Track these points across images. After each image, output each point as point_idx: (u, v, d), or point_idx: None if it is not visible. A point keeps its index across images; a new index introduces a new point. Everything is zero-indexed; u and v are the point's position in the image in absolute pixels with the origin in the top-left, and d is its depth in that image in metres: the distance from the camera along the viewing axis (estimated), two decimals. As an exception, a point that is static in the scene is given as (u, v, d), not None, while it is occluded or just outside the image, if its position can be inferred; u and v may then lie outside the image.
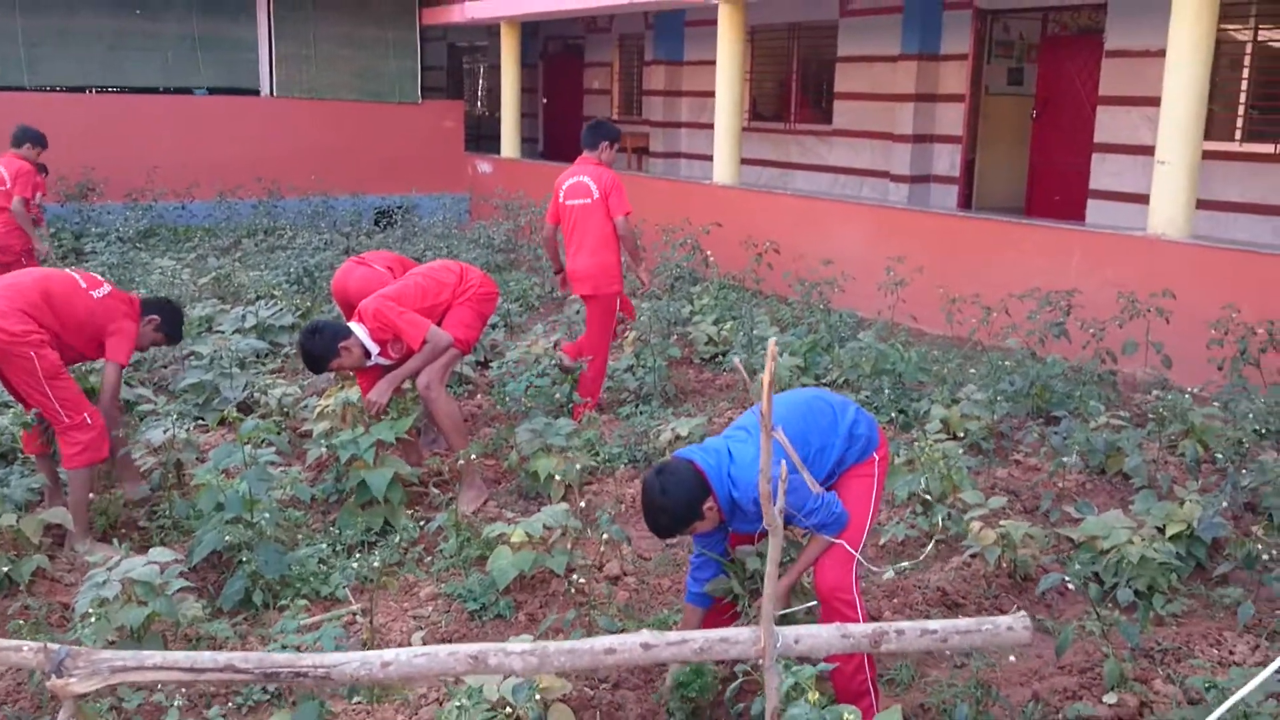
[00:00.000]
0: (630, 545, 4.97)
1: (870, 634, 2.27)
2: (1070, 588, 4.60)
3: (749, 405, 4.63)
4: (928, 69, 13.05)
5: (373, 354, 5.47)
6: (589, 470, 5.82)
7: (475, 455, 5.48)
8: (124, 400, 5.90)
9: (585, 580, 4.61)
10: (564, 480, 5.56)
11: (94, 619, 3.68)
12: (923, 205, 12.41)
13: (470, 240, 13.01)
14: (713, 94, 12.19)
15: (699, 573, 3.74)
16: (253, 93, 15.62)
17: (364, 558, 4.74)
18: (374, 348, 5.46)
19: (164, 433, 5.46)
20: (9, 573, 4.48)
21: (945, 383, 7.00)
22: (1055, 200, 12.24)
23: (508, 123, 16.39)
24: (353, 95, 16.09)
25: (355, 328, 5.44)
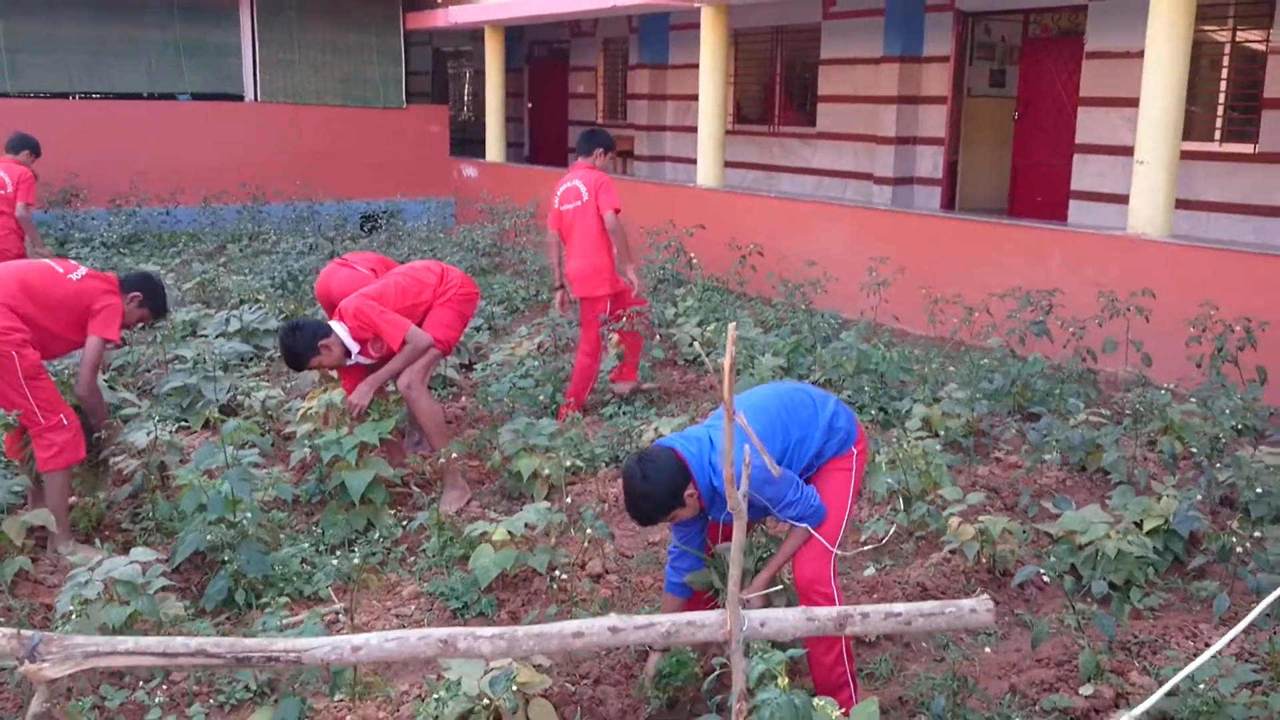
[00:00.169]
0: (613, 543, 5.00)
1: (836, 616, 2.30)
2: (1046, 580, 4.64)
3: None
4: (910, 71, 13.13)
5: (353, 353, 5.49)
6: (572, 470, 5.84)
7: (456, 454, 5.50)
8: (109, 404, 5.88)
9: (567, 578, 4.63)
10: (547, 480, 5.59)
11: (75, 617, 3.69)
12: (906, 207, 12.47)
13: (455, 244, 13.02)
14: (697, 97, 12.24)
15: (678, 563, 3.77)
16: (237, 98, 15.61)
17: (345, 555, 4.76)
18: (354, 346, 5.47)
19: (147, 435, 5.46)
20: (-9, 575, 4.48)
21: (926, 382, 7.05)
22: (1038, 201, 12.32)
23: (492, 127, 16.42)
24: (337, 100, 16.09)
25: (336, 326, 5.46)
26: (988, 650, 4.21)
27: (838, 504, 3.62)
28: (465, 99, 23.87)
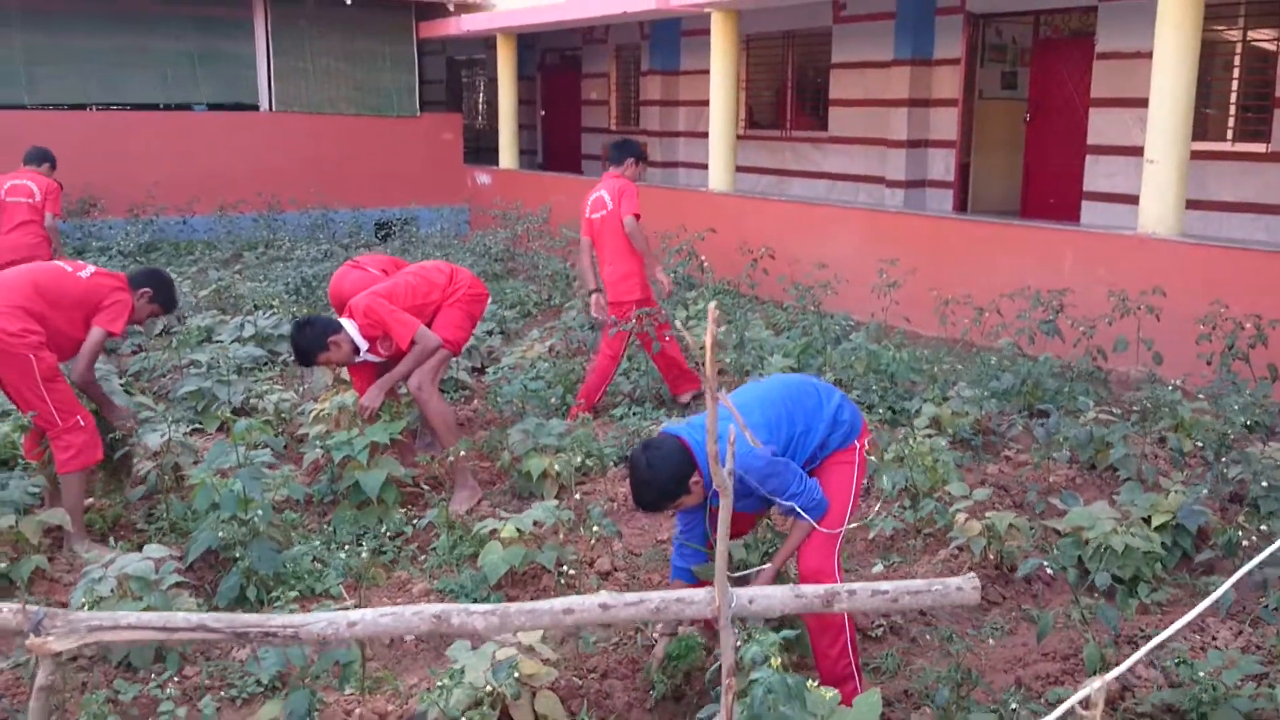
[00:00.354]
0: (620, 541, 5.03)
1: (823, 594, 2.32)
2: (1053, 575, 4.66)
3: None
4: (921, 74, 13.14)
5: (361, 350, 5.54)
6: (581, 469, 5.88)
7: (464, 451, 5.54)
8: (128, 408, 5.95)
9: (575, 574, 4.67)
10: (557, 479, 5.63)
11: (89, 611, 3.74)
12: (917, 209, 12.48)
13: (469, 250, 13.09)
14: (708, 103, 12.29)
15: (684, 551, 3.80)
16: (252, 108, 15.74)
17: (354, 549, 4.81)
18: (363, 344, 5.52)
19: (161, 437, 5.53)
20: (8, 572, 4.55)
21: (936, 381, 7.06)
22: (1050, 203, 12.31)
23: (505, 134, 16.51)
24: (351, 109, 16.21)
25: (346, 324, 5.51)
26: (991, 642, 4.22)
27: (841, 497, 3.65)
28: (479, 107, 23.98)
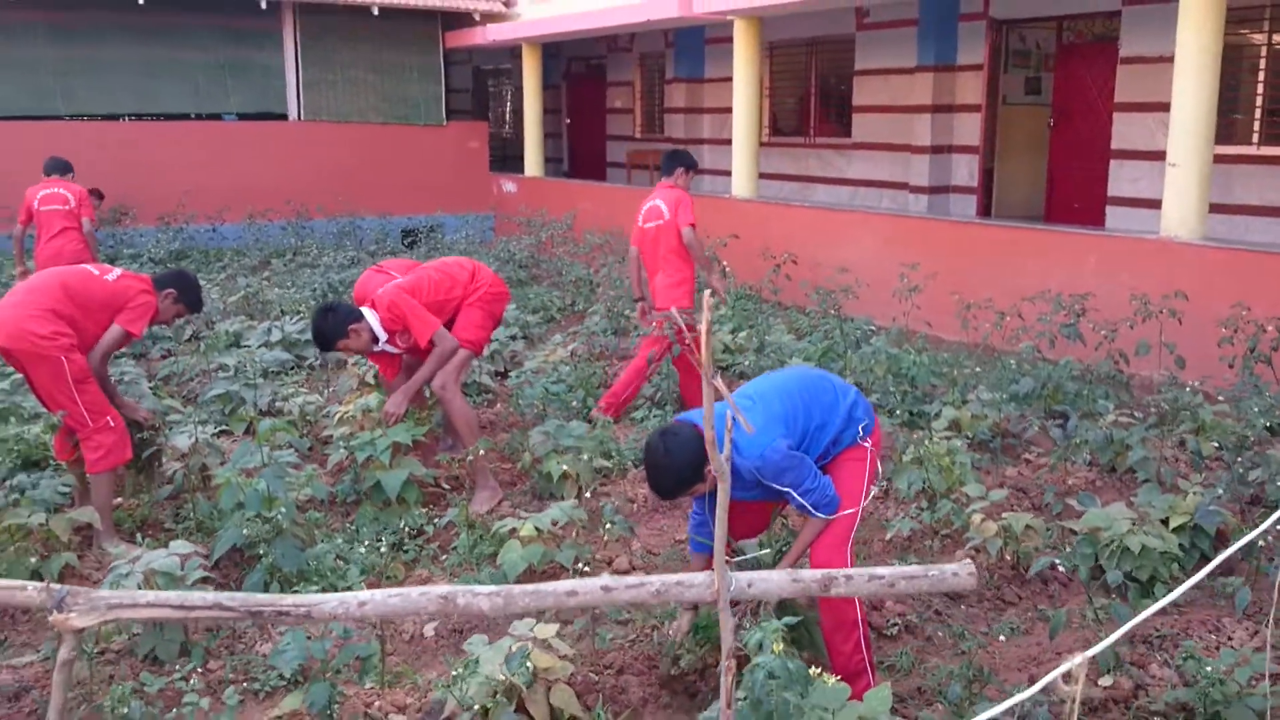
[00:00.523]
0: (637, 540, 5.08)
1: (820, 579, 2.37)
2: (1068, 575, 4.67)
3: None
4: (944, 80, 13.14)
5: (380, 340, 5.62)
6: (601, 471, 5.94)
7: (483, 451, 5.60)
8: (154, 410, 6.06)
9: (593, 572, 4.72)
10: (576, 480, 5.69)
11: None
12: (941, 215, 12.47)
13: (493, 256, 13.19)
14: (732, 110, 12.34)
15: (700, 530, 3.84)
16: (280, 117, 15.94)
17: (373, 545, 4.88)
18: (382, 335, 5.60)
19: (189, 438, 5.64)
20: (39, 569, 4.64)
21: (956, 385, 7.07)
22: (1074, 208, 12.27)
23: (530, 142, 16.63)
24: (379, 118, 16.38)
25: (367, 313, 5.60)
26: (1003, 639, 4.24)
27: (853, 493, 3.69)
28: (505, 116, 24.15)
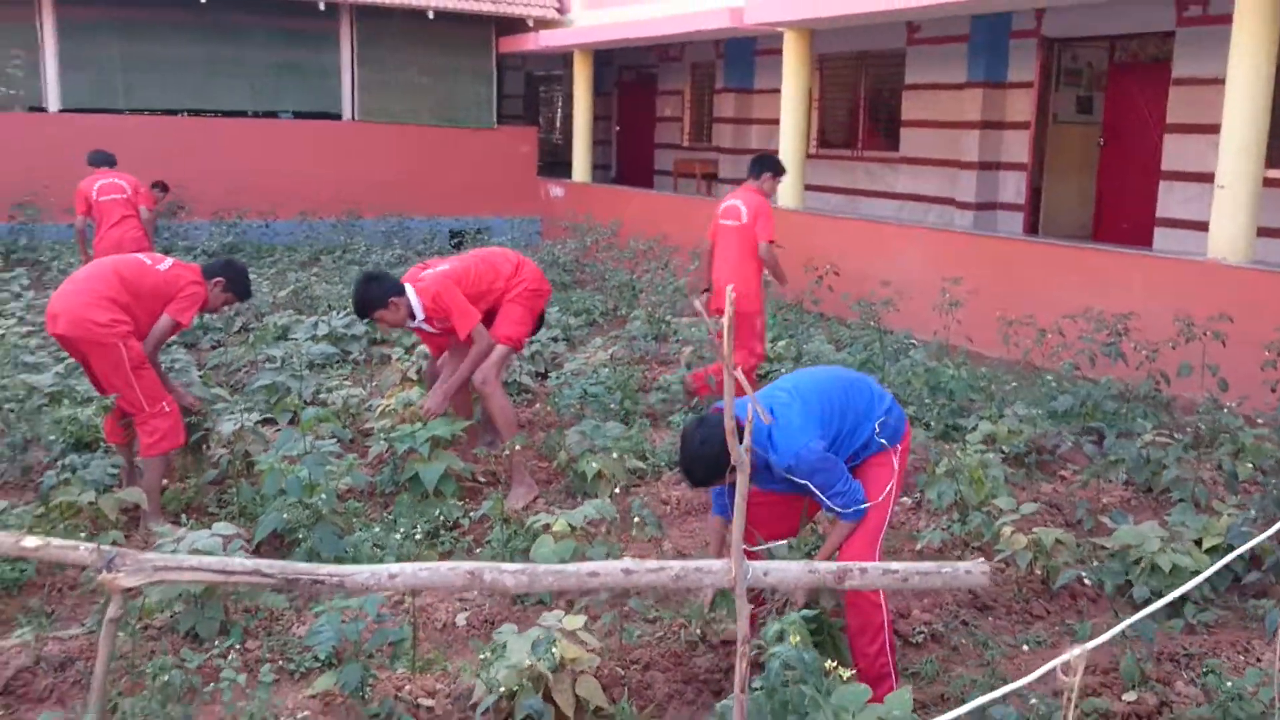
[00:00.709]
0: (669, 541, 5.14)
1: (835, 571, 2.42)
2: (1097, 591, 4.67)
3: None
4: (994, 97, 13.11)
5: (418, 318, 5.74)
6: (635, 472, 6.01)
7: (519, 446, 5.69)
8: (200, 398, 6.21)
9: (624, 570, 4.79)
10: (611, 480, 5.76)
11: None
12: (987, 231, 12.43)
13: (538, 259, 13.30)
14: (780, 121, 12.38)
15: (721, 498, 3.92)
16: (335, 117, 16.19)
17: (410, 532, 4.99)
18: (420, 313, 5.72)
19: (234, 425, 5.79)
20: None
21: (993, 399, 7.07)
22: (1123, 228, 12.19)
23: (579, 148, 16.77)
24: (431, 120, 16.59)
25: (409, 289, 5.71)
26: (1026, 648, 4.26)
27: (880, 500, 3.73)
28: (556, 122, 24.33)
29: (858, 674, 3.77)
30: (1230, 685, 3.49)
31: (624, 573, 2.37)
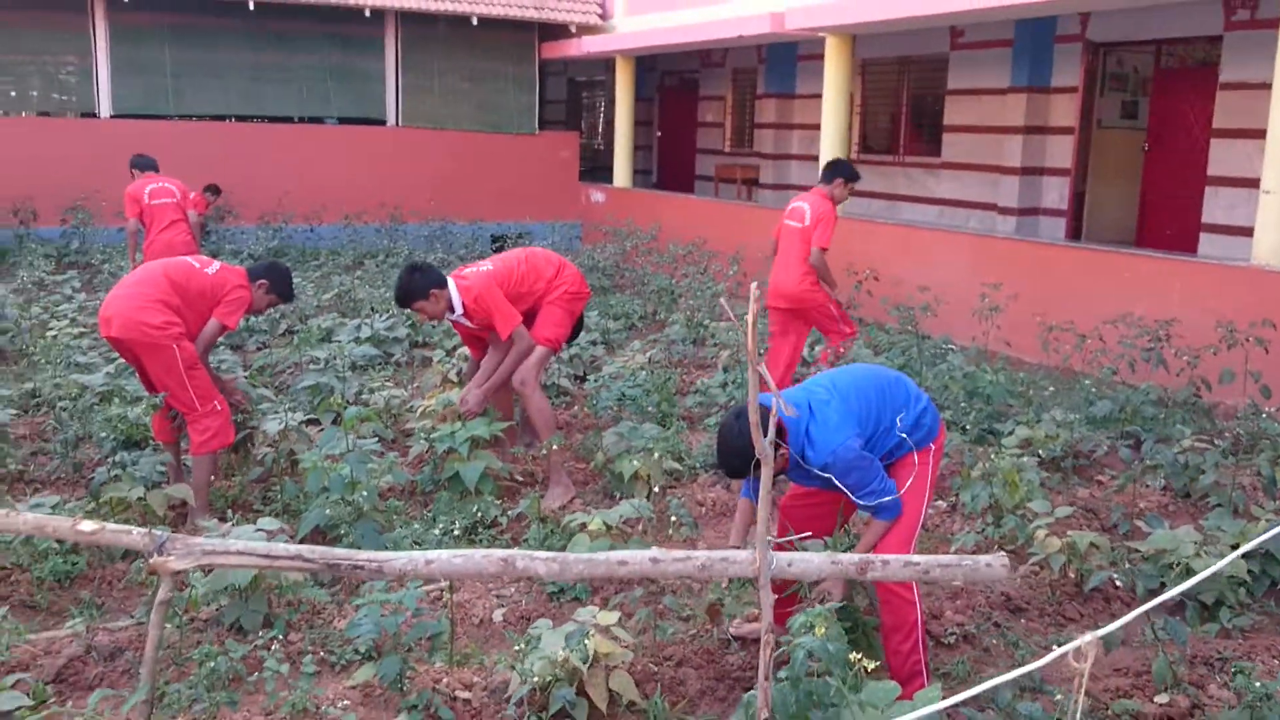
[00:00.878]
0: (702, 539, 5.19)
1: (858, 563, 2.47)
2: (1118, 586, 4.67)
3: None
4: (1037, 102, 13.05)
5: (456, 312, 5.85)
6: (671, 473, 6.07)
7: (557, 446, 5.77)
8: (247, 394, 6.35)
9: (658, 569, 4.85)
10: (648, 481, 5.82)
11: (206, 575, 4.07)
12: (1030, 237, 12.37)
13: (579, 263, 13.38)
14: (821, 126, 12.39)
15: (752, 483, 3.96)
16: (379, 123, 16.41)
17: (448, 527, 5.08)
18: (459, 307, 5.83)
19: (279, 425, 5.92)
20: (136, 539, 4.92)
21: (1031, 404, 7.06)
22: (1167, 234, 12.09)
23: (620, 153, 16.87)
24: (473, 126, 16.77)
25: (451, 283, 5.82)
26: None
27: (915, 498, 3.77)
28: (598, 127, 24.48)
29: (889, 671, 3.82)
30: (1259, 686, 3.48)
31: (651, 561, 2.43)
